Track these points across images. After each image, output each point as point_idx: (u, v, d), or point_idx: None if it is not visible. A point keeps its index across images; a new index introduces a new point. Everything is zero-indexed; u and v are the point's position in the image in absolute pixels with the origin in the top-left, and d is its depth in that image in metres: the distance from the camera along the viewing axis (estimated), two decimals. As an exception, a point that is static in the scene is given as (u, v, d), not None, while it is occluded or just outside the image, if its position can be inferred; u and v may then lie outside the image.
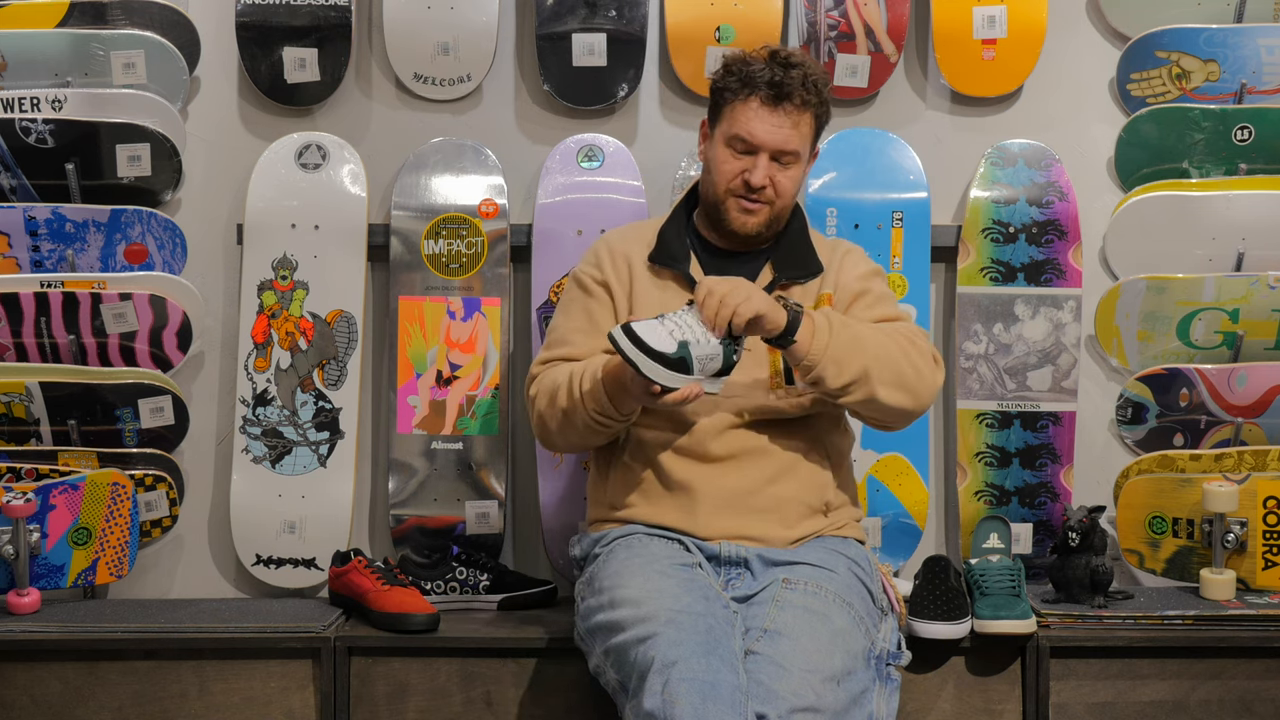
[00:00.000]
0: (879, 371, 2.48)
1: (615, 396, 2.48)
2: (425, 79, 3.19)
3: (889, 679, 2.43)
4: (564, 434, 2.60)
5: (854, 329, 2.49)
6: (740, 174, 2.60)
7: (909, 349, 2.54)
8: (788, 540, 2.56)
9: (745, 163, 2.60)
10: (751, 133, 2.58)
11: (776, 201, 2.62)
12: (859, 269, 2.70)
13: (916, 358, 2.54)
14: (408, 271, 3.16)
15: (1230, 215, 3.14)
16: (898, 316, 2.65)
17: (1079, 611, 2.83)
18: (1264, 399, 3.12)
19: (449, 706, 2.78)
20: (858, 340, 2.47)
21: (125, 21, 3.11)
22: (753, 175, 2.59)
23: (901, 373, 2.51)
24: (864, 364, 2.47)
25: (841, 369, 2.46)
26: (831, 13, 3.17)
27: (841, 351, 2.45)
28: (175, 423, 3.10)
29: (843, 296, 2.66)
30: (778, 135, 2.58)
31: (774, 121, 2.58)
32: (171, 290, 3.08)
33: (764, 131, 2.58)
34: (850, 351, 2.46)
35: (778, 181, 2.60)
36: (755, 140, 2.58)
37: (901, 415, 2.57)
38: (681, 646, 2.20)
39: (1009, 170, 3.18)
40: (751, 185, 2.59)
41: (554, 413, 2.58)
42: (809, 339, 2.44)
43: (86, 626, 2.83)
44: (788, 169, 2.61)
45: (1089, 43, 3.26)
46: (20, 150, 3.07)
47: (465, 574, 3.01)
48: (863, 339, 2.48)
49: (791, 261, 2.67)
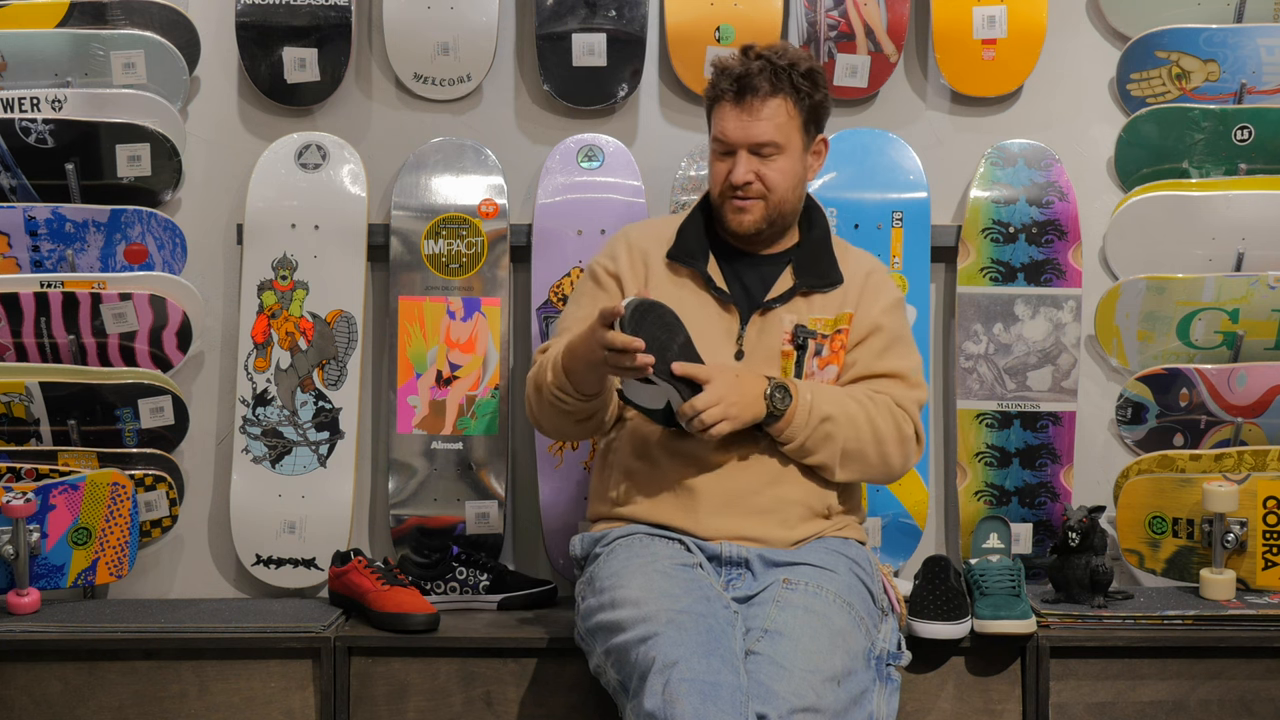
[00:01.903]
0: (845, 461, 2.58)
1: (572, 371, 2.52)
2: (425, 79, 3.19)
3: (889, 679, 2.43)
4: (541, 414, 2.65)
5: (831, 424, 2.55)
6: (725, 175, 2.61)
7: (885, 438, 2.59)
8: (789, 541, 2.56)
9: (728, 163, 2.62)
10: (724, 132, 2.60)
11: (770, 195, 2.61)
12: (882, 299, 2.69)
13: (890, 448, 2.60)
14: (408, 271, 3.16)
15: (1230, 215, 3.14)
16: (900, 373, 2.65)
17: (1079, 611, 2.83)
18: (1264, 399, 3.12)
19: (449, 706, 2.78)
20: (829, 438, 2.56)
21: (125, 21, 3.11)
22: (734, 173, 2.60)
23: (868, 465, 2.61)
24: (831, 453, 2.56)
25: (806, 454, 2.57)
26: (831, 13, 3.17)
27: (814, 443, 2.55)
28: (175, 423, 3.10)
29: (860, 326, 2.66)
30: (747, 130, 2.59)
31: (741, 117, 2.59)
32: (171, 290, 3.08)
33: (733, 129, 2.59)
34: (821, 443, 2.56)
35: (764, 175, 2.60)
36: (728, 139, 2.60)
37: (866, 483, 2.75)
38: (682, 647, 2.20)
39: (1009, 170, 3.18)
40: (734, 183, 2.60)
41: (531, 393, 2.65)
42: (784, 426, 2.54)
43: (86, 626, 2.83)
44: (772, 160, 2.60)
45: (1089, 43, 3.26)
46: (20, 150, 3.07)
47: (465, 574, 3.01)
48: (834, 436, 2.56)
49: (813, 269, 2.66)
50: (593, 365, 2.46)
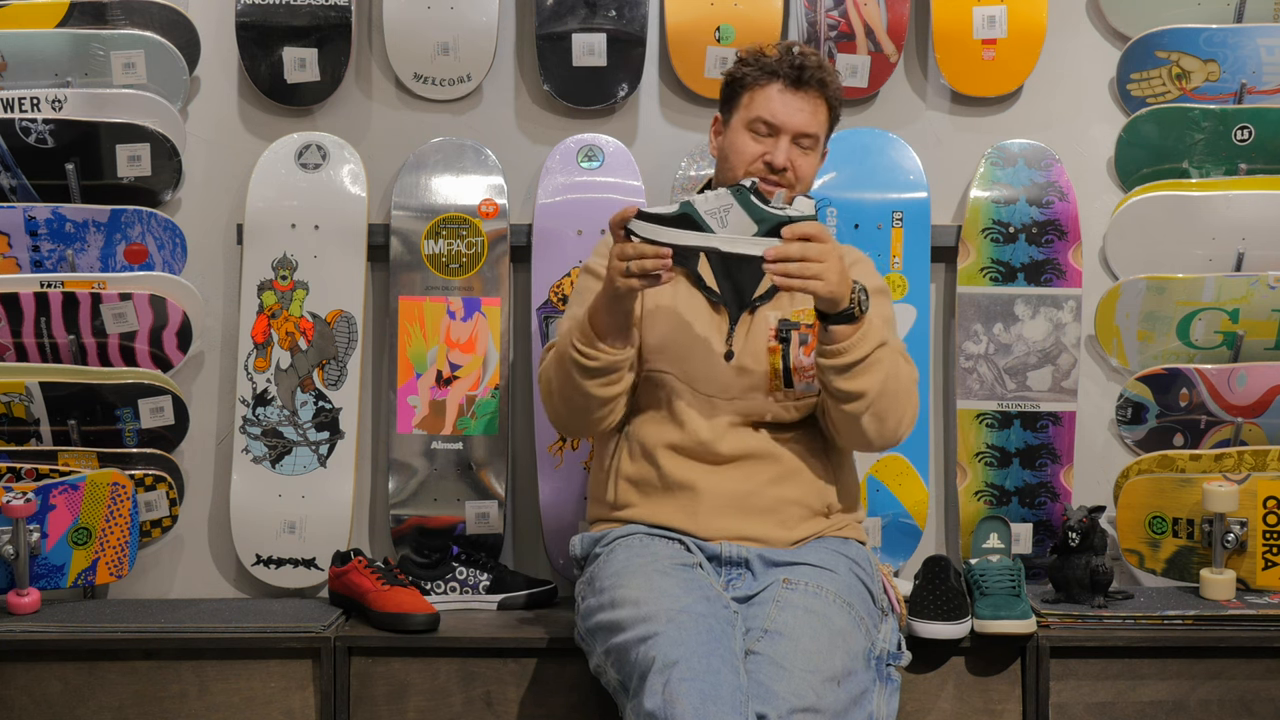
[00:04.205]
0: (878, 398, 2.49)
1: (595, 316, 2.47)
2: (425, 79, 3.19)
3: (889, 679, 2.43)
4: (563, 394, 2.57)
5: (884, 351, 2.48)
6: (761, 156, 2.59)
7: (908, 392, 2.55)
8: (788, 541, 2.56)
9: (767, 144, 2.60)
10: (774, 113, 2.59)
11: (796, 185, 2.61)
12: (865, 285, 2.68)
13: (906, 404, 2.55)
14: (408, 271, 3.16)
15: (1230, 215, 3.14)
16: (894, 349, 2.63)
17: (1079, 611, 2.83)
18: (1264, 399, 3.12)
19: (449, 706, 2.78)
20: (878, 364, 2.47)
21: (125, 21, 3.11)
22: (775, 156, 2.58)
23: (890, 410, 2.51)
24: (873, 382, 2.47)
25: (855, 376, 2.46)
26: (831, 13, 3.17)
27: (868, 365, 2.45)
28: (175, 423, 3.10)
29: None
30: (800, 116, 2.59)
31: (795, 104, 2.59)
32: (171, 290, 3.08)
33: (785, 113, 2.58)
34: (871, 367, 2.46)
35: (797, 165, 2.60)
36: (777, 121, 2.58)
37: (861, 442, 2.59)
38: (682, 646, 2.20)
39: (1009, 170, 3.18)
40: (774, 166, 2.58)
41: (553, 373, 2.58)
42: (854, 332, 2.44)
43: (86, 626, 2.83)
44: (806, 154, 2.61)
45: (1089, 43, 3.26)
46: (20, 150, 3.07)
47: (465, 574, 3.01)
48: (882, 363, 2.47)
49: None
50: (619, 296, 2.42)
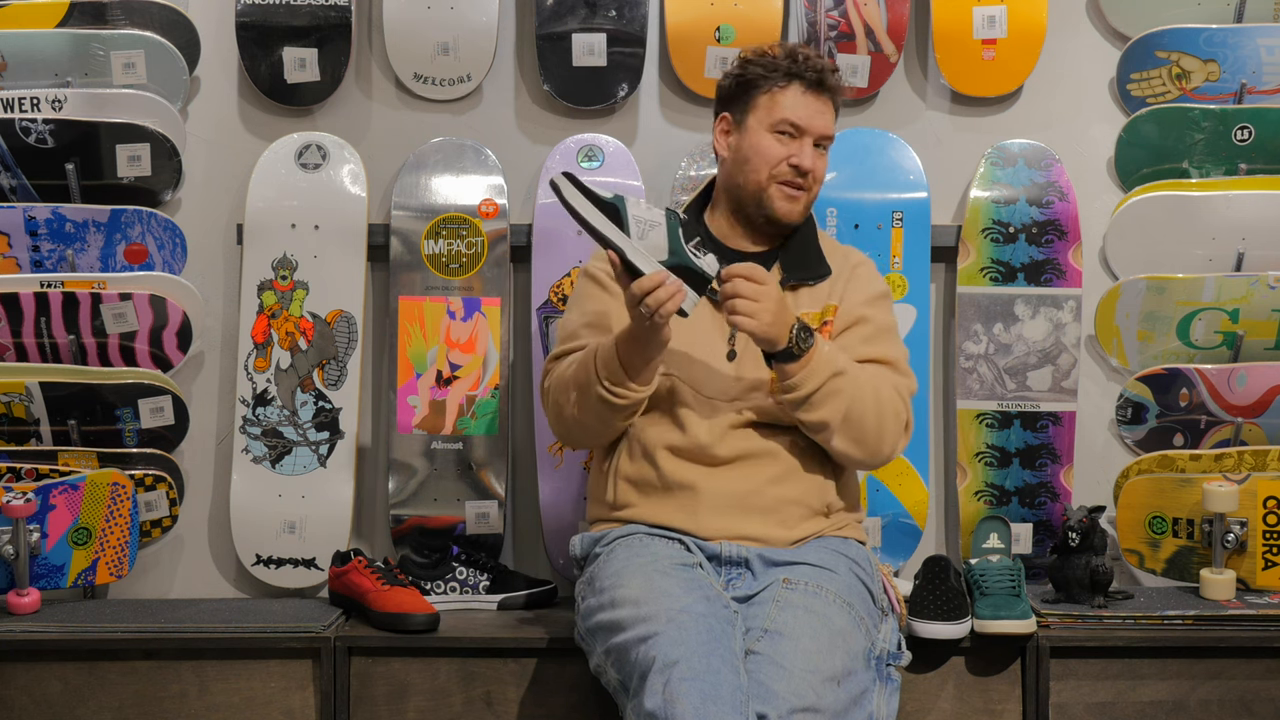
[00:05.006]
0: (845, 425, 2.51)
1: (626, 356, 2.45)
2: (425, 79, 3.19)
3: (889, 679, 2.43)
4: (580, 420, 2.56)
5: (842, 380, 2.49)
6: (786, 159, 2.61)
7: (885, 413, 2.54)
8: (788, 541, 2.56)
9: (792, 147, 2.62)
10: (800, 116, 2.61)
11: (814, 188, 2.65)
12: (867, 290, 2.69)
13: (888, 423, 2.55)
14: (408, 271, 3.16)
15: (1230, 215, 3.14)
16: (890, 359, 2.63)
17: (1079, 611, 2.83)
18: (1264, 399, 3.12)
19: (449, 706, 2.78)
20: (837, 394, 2.49)
21: (125, 21, 3.11)
22: (801, 159, 2.61)
23: (864, 435, 2.52)
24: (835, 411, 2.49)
25: (811, 408, 2.49)
26: (831, 13, 3.17)
27: (822, 396, 2.48)
28: (175, 423, 3.10)
29: (845, 316, 2.65)
30: (822, 119, 2.63)
31: (818, 107, 2.63)
32: (171, 290, 3.08)
33: (809, 115, 2.62)
34: (828, 398, 2.48)
35: (817, 168, 2.64)
36: (803, 124, 2.61)
37: (850, 463, 2.61)
38: (682, 646, 2.20)
39: (1009, 170, 3.18)
40: (802, 168, 2.61)
41: (569, 396, 2.55)
42: (798, 370, 2.47)
43: (86, 626, 2.83)
44: (823, 156, 2.66)
45: (1089, 43, 3.26)
46: (20, 150, 3.07)
47: (465, 574, 3.01)
48: (842, 393, 2.49)
49: (800, 263, 2.67)
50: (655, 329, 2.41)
